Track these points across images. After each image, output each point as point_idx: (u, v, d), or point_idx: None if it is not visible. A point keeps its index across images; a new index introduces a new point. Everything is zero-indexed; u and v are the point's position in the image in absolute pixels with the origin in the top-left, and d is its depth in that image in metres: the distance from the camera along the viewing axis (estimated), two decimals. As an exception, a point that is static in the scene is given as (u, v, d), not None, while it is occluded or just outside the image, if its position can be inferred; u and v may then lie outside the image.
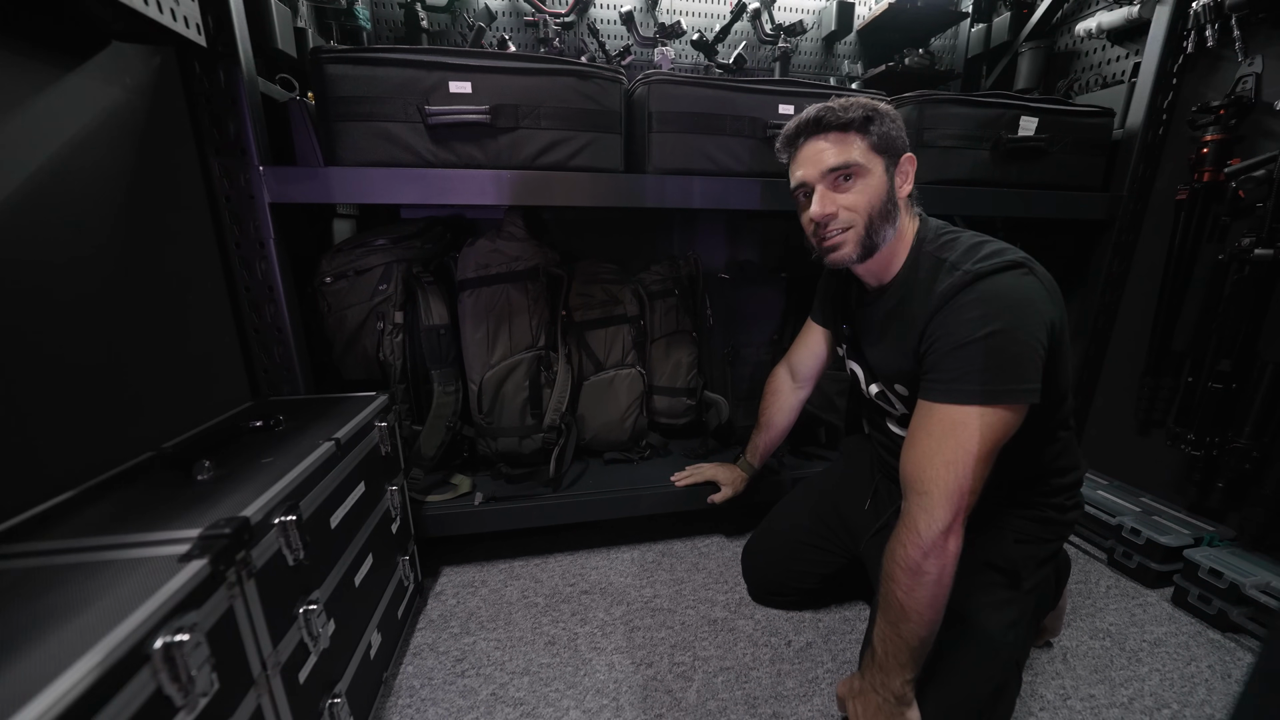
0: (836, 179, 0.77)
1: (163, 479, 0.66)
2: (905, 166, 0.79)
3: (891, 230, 0.79)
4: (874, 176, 0.77)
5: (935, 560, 0.67)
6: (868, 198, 0.77)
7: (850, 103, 0.77)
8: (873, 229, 0.77)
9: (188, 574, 0.46)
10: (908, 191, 0.80)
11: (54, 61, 0.63)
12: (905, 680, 0.70)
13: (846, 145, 0.76)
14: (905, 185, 0.79)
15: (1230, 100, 1.15)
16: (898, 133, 0.78)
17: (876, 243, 0.78)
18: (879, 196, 0.77)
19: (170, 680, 0.42)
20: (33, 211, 0.62)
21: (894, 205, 0.78)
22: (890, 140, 0.77)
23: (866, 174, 0.76)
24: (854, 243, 0.78)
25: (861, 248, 0.79)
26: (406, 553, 1.04)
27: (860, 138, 0.76)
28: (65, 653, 0.37)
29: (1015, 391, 0.67)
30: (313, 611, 0.66)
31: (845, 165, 0.76)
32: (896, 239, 0.80)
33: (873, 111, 0.76)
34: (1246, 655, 1.01)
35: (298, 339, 1.00)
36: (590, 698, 0.90)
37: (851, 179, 0.77)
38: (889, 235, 0.79)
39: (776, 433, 1.16)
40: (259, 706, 0.55)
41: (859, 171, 0.76)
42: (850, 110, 0.76)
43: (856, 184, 0.77)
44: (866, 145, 0.76)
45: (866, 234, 0.78)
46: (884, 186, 0.77)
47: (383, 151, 0.94)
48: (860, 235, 0.78)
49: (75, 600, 0.43)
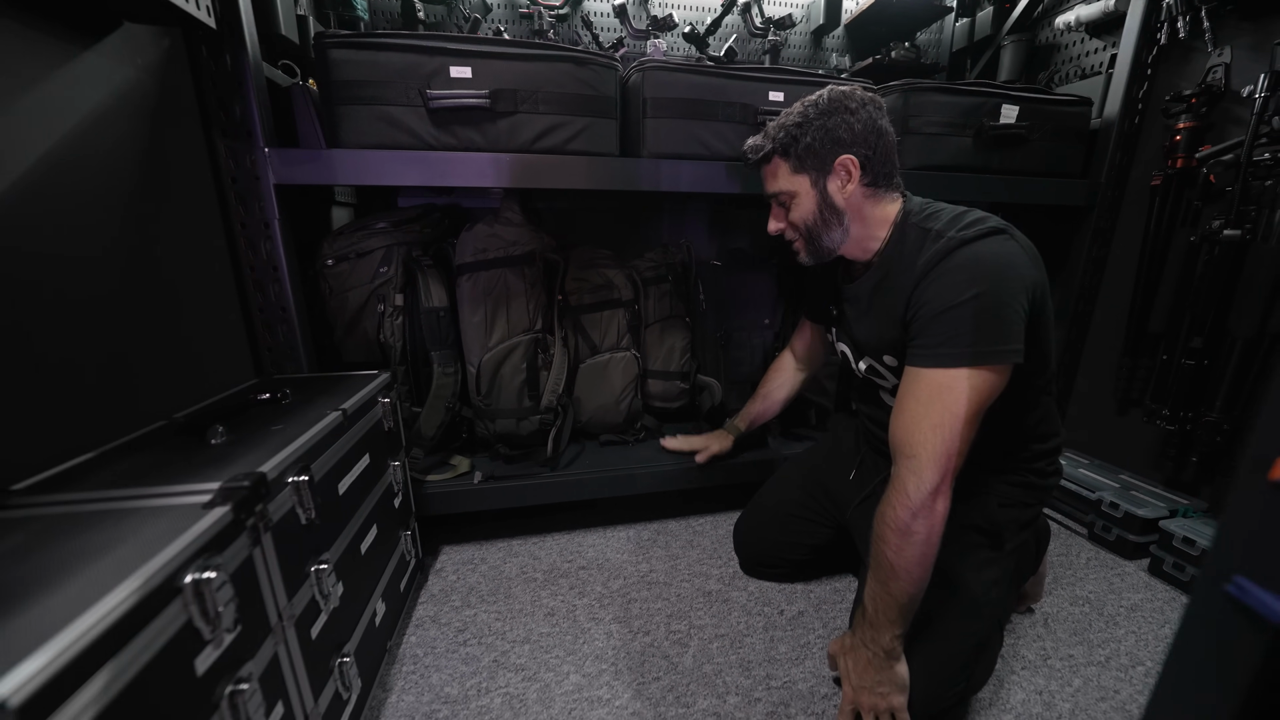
0: (775, 203, 0.90)
1: (178, 443, 0.68)
2: (842, 169, 0.81)
3: (840, 231, 0.85)
4: (801, 196, 0.85)
5: (924, 521, 0.70)
6: (800, 215, 0.86)
7: (773, 128, 0.85)
8: (813, 239, 0.86)
9: (212, 519, 0.49)
10: (851, 190, 0.82)
11: (69, 39, 0.65)
12: (894, 636, 0.74)
13: (773, 175, 0.87)
14: (849, 184, 0.82)
15: (1201, 89, 1.20)
16: (827, 139, 0.80)
17: (825, 246, 0.87)
18: (810, 213, 0.85)
19: (199, 614, 0.45)
20: (52, 183, 0.64)
21: (832, 211, 0.84)
22: (815, 153, 0.81)
23: (794, 196, 0.86)
24: (803, 251, 0.90)
25: (810, 255, 0.89)
26: (408, 528, 1.06)
27: (782, 162, 0.85)
28: (105, 581, 0.39)
29: (1000, 352, 0.70)
30: (323, 571, 0.69)
31: (775, 194, 0.88)
32: (868, 226, 0.84)
33: (795, 130, 0.82)
34: (1217, 617, 1.05)
35: (301, 318, 1.02)
36: (589, 663, 0.93)
37: (785, 203, 0.87)
38: (838, 238, 0.86)
39: (772, 404, 1.21)
40: (275, 655, 0.58)
41: (787, 197, 0.87)
42: (765, 143, 0.85)
43: (790, 204, 0.87)
44: (789, 169, 0.84)
45: (809, 243, 0.88)
46: (813, 202, 0.84)
47: (385, 134, 0.96)
48: (805, 245, 0.89)
49: (109, 540, 0.45)
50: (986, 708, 0.85)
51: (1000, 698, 0.87)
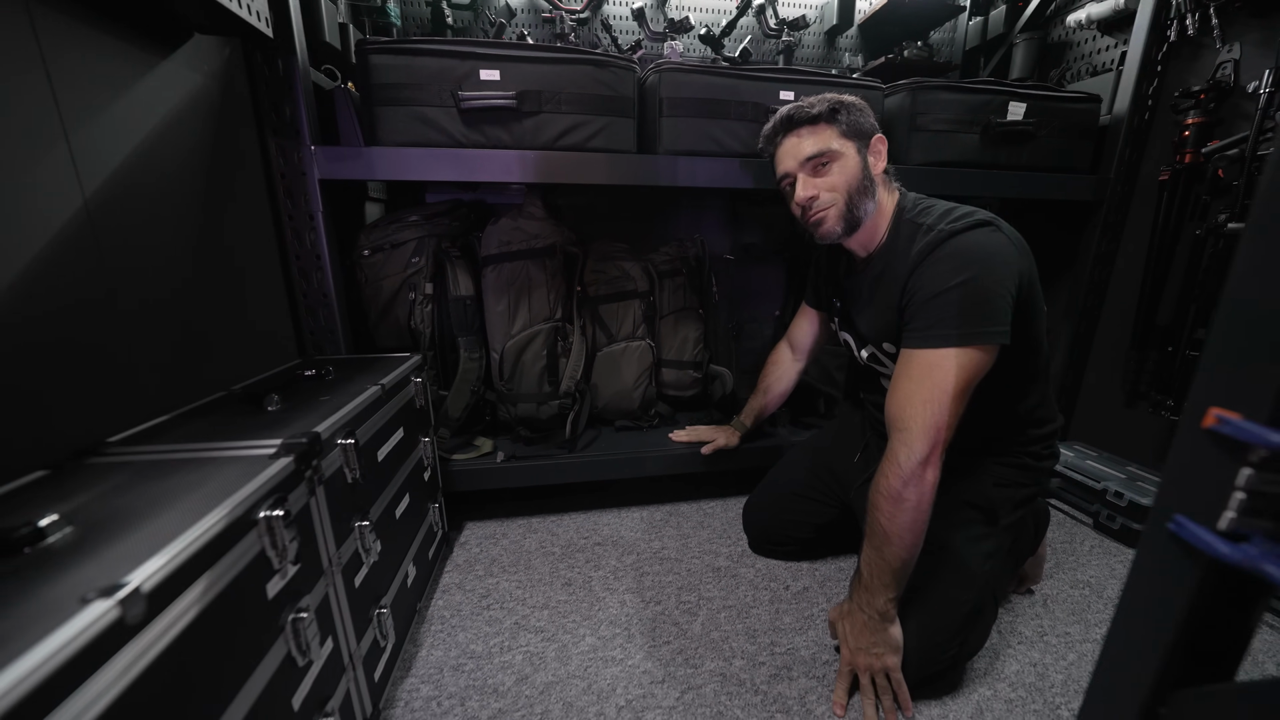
0: (815, 166, 0.87)
1: (239, 409, 0.76)
2: (877, 147, 0.88)
3: (871, 204, 0.88)
4: (848, 159, 0.87)
5: (914, 489, 0.75)
6: (845, 178, 0.87)
7: (817, 99, 0.88)
8: (853, 204, 0.87)
9: (278, 467, 0.56)
10: (882, 168, 0.89)
11: (151, 49, 0.74)
12: (888, 599, 0.79)
13: (819, 135, 0.87)
14: (879, 162, 0.89)
15: (1210, 85, 1.22)
16: (864, 119, 0.88)
17: (858, 216, 0.88)
18: (855, 175, 0.87)
19: (270, 544, 0.52)
20: (141, 176, 0.73)
21: (870, 181, 0.88)
22: (858, 126, 0.87)
23: (840, 157, 0.86)
24: (836, 219, 0.88)
25: (844, 222, 0.88)
26: (436, 501, 1.14)
27: (830, 127, 0.87)
28: (199, 509, 0.47)
29: (986, 333, 0.75)
30: (365, 527, 0.76)
31: (821, 153, 0.86)
32: (877, 213, 0.89)
33: (838, 104, 0.86)
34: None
35: (341, 304, 1.10)
36: (604, 628, 0.99)
37: (828, 164, 0.87)
38: (869, 209, 0.88)
39: (773, 397, 1.26)
40: (327, 596, 0.65)
41: (833, 156, 0.86)
42: (817, 105, 0.87)
43: (833, 167, 0.87)
44: (837, 132, 0.87)
45: (848, 209, 0.87)
46: (858, 166, 0.87)
47: (419, 133, 1.04)
48: (842, 211, 0.87)
49: (195, 480, 0.53)
50: (981, 676, 0.89)
51: (995, 668, 0.91)
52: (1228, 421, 0.35)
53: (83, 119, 0.66)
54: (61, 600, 0.35)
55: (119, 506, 0.48)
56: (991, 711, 0.83)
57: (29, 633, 0.32)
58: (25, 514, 0.43)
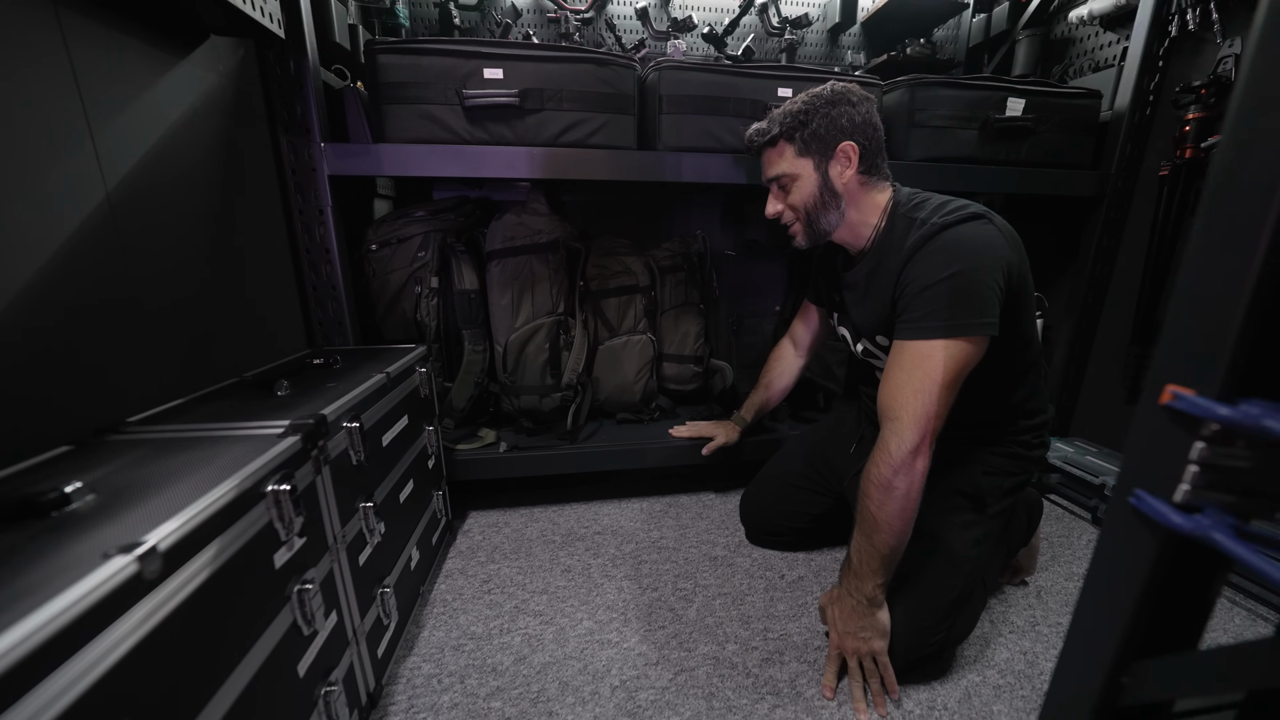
0: (776, 186, 0.94)
1: (250, 394, 0.79)
2: (843, 155, 0.87)
3: (835, 215, 0.90)
4: (804, 179, 0.90)
5: (904, 477, 0.76)
6: (802, 197, 0.91)
7: (778, 114, 0.90)
8: (812, 220, 0.91)
9: (286, 444, 0.59)
10: (851, 174, 0.88)
11: (170, 50, 0.78)
12: (877, 585, 0.80)
13: (776, 158, 0.92)
14: (847, 170, 0.88)
15: (1211, 80, 1.22)
16: (831, 126, 0.86)
17: (822, 228, 0.92)
18: (811, 194, 0.90)
19: (278, 516, 0.55)
20: (160, 171, 0.77)
21: (832, 195, 0.89)
22: (821, 138, 0.87)
23: (796, 179, 0.91)
24: (800, 233, 0.94)
25: (807, 238, 0.94)
26: (440, 489, 1.17)
27: (788, 145, 0.89)
28: (211, 480, 0.50)
29: (975, 324, 0.76)
30: (370, 508, 0.79)
31: (777, 177, 0.92)
32: (862, 212, 0.90)
33: (802, 115, 0.87)
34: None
35: (349, 297, 1.14)
36: (601, 612, 1.02)
37: (786, 185, 0.91)
38: (833, 220, 0.91)
39: (774, 392, 1.27)
40: (331, 571, 0.68)
41: (789, 179, 0.91)
42: (773, 126, 0.90)
43: (791, 188, 0.91)
44: (794, 152, 0.89)
45: (808, 225, 0.93)
46: (815, 184, 0.89)
47: (425, 130, 1.07)
48: (804, 228, 0.93)
49: (209, 455, 0.56)
50: (971, 663, 0.90)
51: (985, 655, 0.92)
52: (1181, 397, 0.37)
53: (106, 117, 0.70)
54: (85, 556, 0.38)
55: (137, 477, 0.52)
56: (979, 697, 0.84)
57: (56, 582, 0.35)
58: (52, 482, 0.47)
